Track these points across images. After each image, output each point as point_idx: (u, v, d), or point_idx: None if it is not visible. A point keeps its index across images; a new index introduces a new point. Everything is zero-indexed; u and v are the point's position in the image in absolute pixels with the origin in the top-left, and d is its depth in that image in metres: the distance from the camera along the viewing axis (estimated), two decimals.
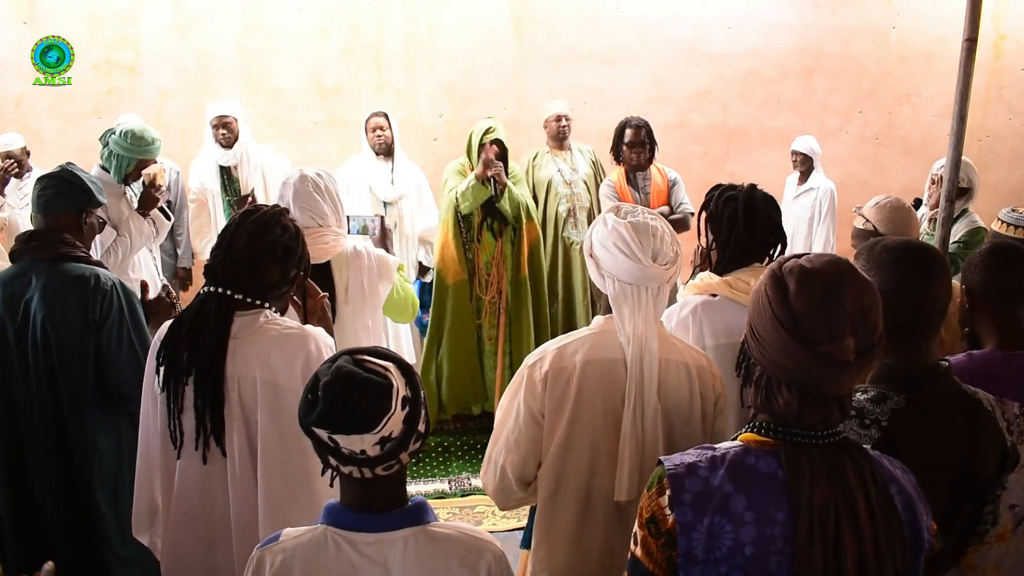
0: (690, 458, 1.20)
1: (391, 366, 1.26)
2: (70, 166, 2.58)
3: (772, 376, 1.20)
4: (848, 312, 1.14)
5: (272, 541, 1.30)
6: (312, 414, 1.22)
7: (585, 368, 1.76)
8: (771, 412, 1.20)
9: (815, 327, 1.13)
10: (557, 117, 4.60)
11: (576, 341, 1.81)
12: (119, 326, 2.39)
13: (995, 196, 5.33)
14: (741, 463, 1.18)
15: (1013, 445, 1.50)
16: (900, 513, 1.17)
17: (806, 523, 1.12)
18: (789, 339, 1.15)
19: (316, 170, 2.69)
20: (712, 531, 1.15)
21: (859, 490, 1.14)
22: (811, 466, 1.15)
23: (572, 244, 4.52)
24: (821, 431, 1.18)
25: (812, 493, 1.13)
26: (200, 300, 1.85)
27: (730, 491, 1.16)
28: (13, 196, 4.43)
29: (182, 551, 1.90)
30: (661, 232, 1.78)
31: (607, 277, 1.79)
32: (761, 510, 1.15)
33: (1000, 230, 2.98)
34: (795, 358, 1.15)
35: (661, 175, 4.43)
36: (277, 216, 1.90)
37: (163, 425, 1.85)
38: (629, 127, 4.38)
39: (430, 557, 1.25)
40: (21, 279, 2.40)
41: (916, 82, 5.76)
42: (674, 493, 1.16)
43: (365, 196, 4.69)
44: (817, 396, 1.16)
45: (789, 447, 1.17)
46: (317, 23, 5.18)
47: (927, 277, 1.47)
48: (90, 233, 2.57)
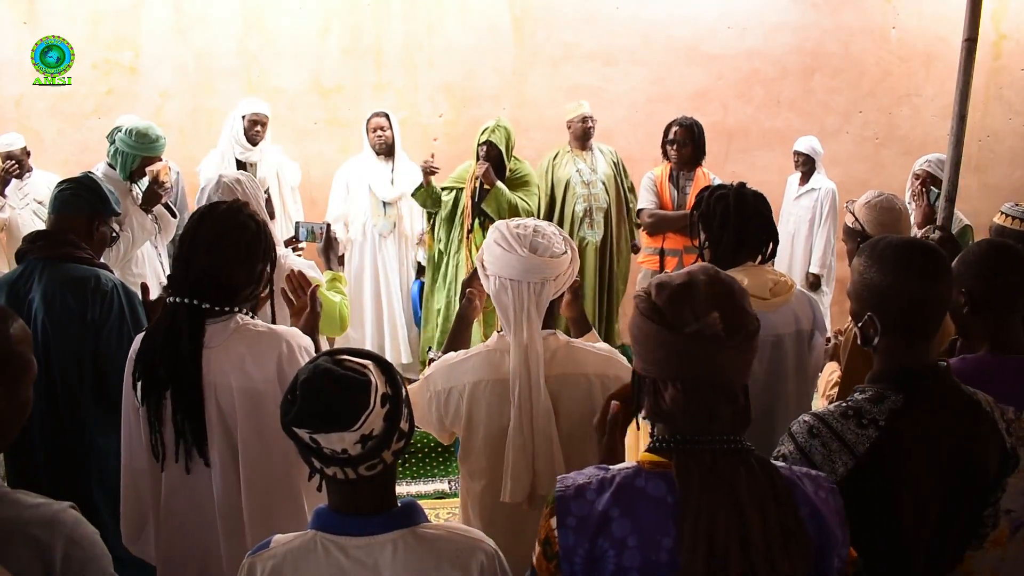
0: (582, 479, 1.18)
1: (370, 364, 1.26)
2: (91, 174, 2.63)
3: (656, 378, 1.19)
4: (705, 295, 1.16)
5: (263, 548, 1.30)
6: (291, 413, 1.21)
7: (475, 389, 1.79)
8: (660, 414, 1.19)
9: (679, 313, 1.16)
10: (583, 118, 4.61)
11: (471, 358, 1.82)
12: (119, 327, 2.39)
13: (995, 196, 5.32)
14: (629, 485, 1.15)
15: (1013, 447, 1.50)
16: (810, 536, 1.13)
17: (690, 540, 1.09)
18: (660, 329, 1.16)
19: (236, 175, 2.66)
20: (594, 555, 1.12)
21: (754, 505, 1.11)
22: (702, 477, 1.12)
23: (587, 244, 4.53)
24: (715, 436, 1.15)
25: (699, 509, 1.10)
26: (170, 312, 1.80)
27: (615, 515, 1.13)
28: (14, 196, 4.43)
29: (177, 561, 1.90)
30: (545, 232, 1.80)
31: (490, 277, 1.80)
32: (646, 535, 1.12)
33: (1004, 223, 2.97)
34: (671, 346, 1.16)
35: (705, 178, 4.46)
36: (234, 215, 1.83)
37: (146, 438, 1.83)
38: (675, 125, 4.44)
39: (420, 558, 1.25)
40: (24, 279, 2.41)
41: (916, 82, 5.75)
42: (559, 516, 1.15)
43: (365, 196, 4.70)
44: (699, 385, 1.15)
45: (681, 458, 1.15)
46: (317, 23, 5.18)
47: (929, 276, 1.46)
48: (100, 242, 2.57)
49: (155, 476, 1.88)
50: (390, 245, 4.78)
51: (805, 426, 1.46)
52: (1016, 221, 2.93)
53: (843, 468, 1.40)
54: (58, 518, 1.19)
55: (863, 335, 1.54)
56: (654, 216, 4.43)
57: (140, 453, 1.88)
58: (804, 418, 1.48)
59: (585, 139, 4.63)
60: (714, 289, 1.18)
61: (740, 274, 2.15)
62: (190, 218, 1.89)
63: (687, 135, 4.40)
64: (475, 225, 4.32)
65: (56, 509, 1.21)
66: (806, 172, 5.13)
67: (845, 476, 1.39)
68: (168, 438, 1.80)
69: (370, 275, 4.80)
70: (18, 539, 1.15)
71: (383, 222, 4.72)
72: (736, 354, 1.16)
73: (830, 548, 1.16)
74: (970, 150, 5.13)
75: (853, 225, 2.49)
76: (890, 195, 2.53)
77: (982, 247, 1.85)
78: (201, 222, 1.83)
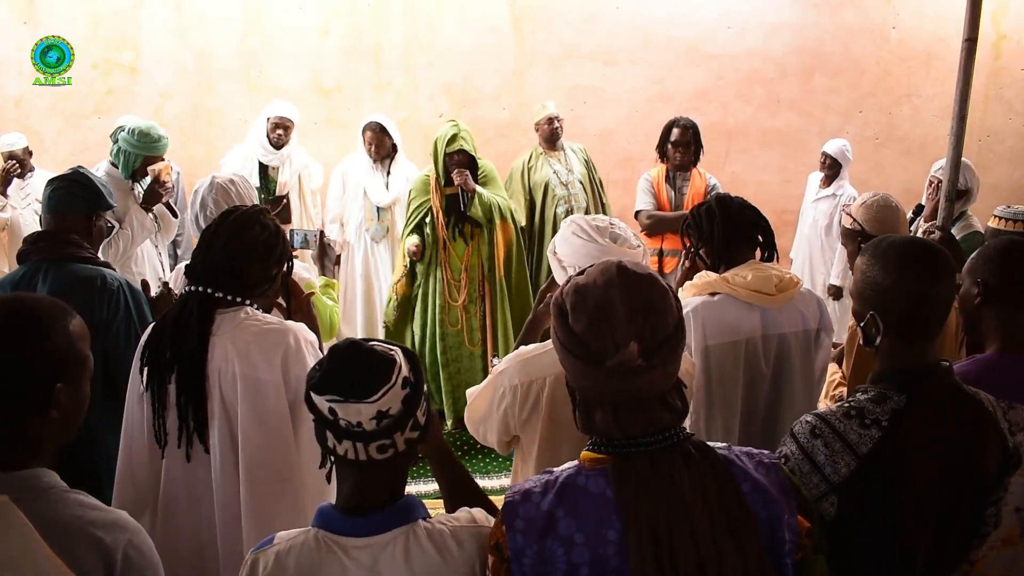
0: (529, 484, 1.20)
1: (397, 350, 1.31)
2: (81, 169, 2.60)
3: (583, 398, 1.19)
4: (624, 319, 1.12)
5: (266, 544, 1.31)
6: (315, 379, 1.26)
7: (556, 382, 1.77)
8: (593, 431, 1.19)
9: (599, 345, 1.13)
10: (549, 119, 4.59)
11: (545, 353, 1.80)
12: (126, 327, 2.40)
13: (995, 196, 5.32)
14: (572, 484, 1.17)
15: (1015, 446, 1.50)
16: (753, 512, 1.14)
17: (635, 540, 1.10)
18: (579, 363, 1.15)
19: (229, 176, 2.68)
20: (544, 556, 1.14)
21: (697, 493, 1.12)
22: (639, 478, 1.12)
23: None
24: (651, 437, 1.15)
25: (639, 508, 1.11)
26: (183, 299, 1.88)
27: (560, 514, 1.15)
28: (15, 196, 4.43)
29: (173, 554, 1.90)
30: (620, 224, 1.88)
31: (567, 269, 1.84)
32: (592, 531, 1.13)
33: (997, 226, 2.97)
34: (591, 377, 1.14)
35: (701, 178, 4.47)
36: (256, 215, 1.93)
37: (148, 424, 1.86)
38: (676, 126, 4.43)
39: (423, 555, 1.26)
40: (28, 280, 2.41)
41: (916, 82, 5.76)
42: (508, 521, 1.17)
43: (359, 198, 4.70)
44: (629, 406, 1.14)
45: (619, 460, 1.15)
46: (317, 23, 5.18)
47: (932, 276, 1.45)
48: (99, 236, 2.59)
49: (154, 466, 1.90)
50: (382, 250, 4.79)
51: (807, 426, 1.46)
52: (1009, 223, 2.93)
53: (846, 468, 1.40)
54: (121, 522, 1.24)
55: (865, 335, 1.53)
56: (652, 217, 4.43)
57: (140, 442, 1.90)
58: (806, 418, 1.48)
59: (554, 140, 4.62)
60: (632, 304, 1.13)
61: (745, 270, 2.16)
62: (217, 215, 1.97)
63: (690, 136, 4.41)
64: (455, 235, 4.25)
65: (118, 514, 1.25)
66: (830, 176, 5.03)
67: (848, 476, 1.39)
68: (171, 424, 1.84)
69: (361, 279, 4.81)
70: (83, 539, 1.18)
71: (376, 227, 4.71)
72: (661, 370, 1.14)
73: (778, 521, 1.16)
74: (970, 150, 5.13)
75: (852, 227, 2.50)
76: (885, 194, 2.54)
77: (1002, 241, 1.85)
78: (224, 218, 1.91)
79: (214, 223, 1.92)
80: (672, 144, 4.42)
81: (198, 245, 1.92)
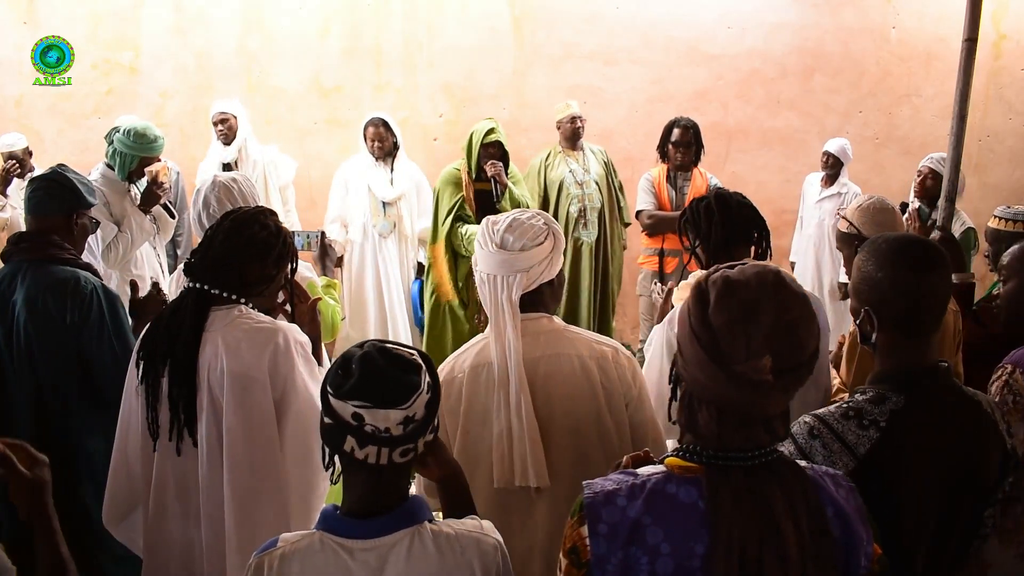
0: (611, 485, 1.15)
1: (415, 353, 1.32)
2: (62, 168, 2.57)
3: (693, 393, 1.15)
4: (767, 329, 1.08)
5: (270, 546, 1.31)
6: (345, 386, 1.24)
7: (473, 374, 1.83)
8: (693, 431, 1.16)
9: (732, 345, 1.08)
10: (572, 118, 4.59)
11: (472, 347, 1.88)
12: (99, 329, 2.39)
13: (995, 196, 5.32)
14: (661, 491, 1.12)
15: (1013, 447, 1.50)
16: (835, 537, 1.12)
17: (723, 556, 1.07)
18: (705, 357, 1.10)
19: (232, 175, 2.67)
20: (628, 563, 1.10)
21: (787, 515, 1.08)
22: (733, 495, 1.09)
23: (582, 244, 4.52)
24: (748, 453, 1.12)
25: (731, 525, 1.07)
26: (180, 295, 1.91)
27: (647, 522, 1.10)
28: (16, 196, 4.42)
29: (161, 549, 1.92)
30: (522, 225, 1.80)
31: (476, 272, 1.88)
32: (679, 542, 1.09)
33: (997, 226, 2.97)
34: (711, 376, 1.10)
35: (702, 177, 4.47)
36: (256, 215, 1.94)
37: (142, 417, 1.88)
38: (677, 127, 4.44)
39: (426, 557, 1.25)
40: (9, 281, 2.40)
41: (916, 82, 5.75)
42: (590, 524, 1.12)
43: (364, 196, 4.69)
44: (737, 417, 1.11)
45: (712, 472, 1.12)
46: (317, 23, 5.18)
47: (924, 268, 1.45)
48: (82, 234, 2.56)
49: (147, 461, 1.91)
50: (391, 245, 4.78)
51: (805, 427, 1.45)
52: (1009, 223, 2.93)
53: (844, 469, 1.39)
54: None
55: (861, 332, 1.54)
56: (653, 217, 4.43)
57: (136, 435, 1.92)
58: (804, 419, 1.48)
59: (575, 139, 4.62)
60: (779, 316, 1.08)
61: None
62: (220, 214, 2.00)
63: (691, 136, 4.41)
64: None
65: None
66: (831, 175, 5.01)
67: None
68: (163, 418, 1.85)
69: (371, 275, 4.79)
70: None
71: (383, 222, 4.71)
72: (782, 394, 1.11)
73: (855, 547, 1.15)
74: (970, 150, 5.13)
75: (848, 230, 2.49)
76: (880, 196, 2.54)
77: None
78: (225, 217, 1.94)
79: (216, 222, 1.95)
80: (673, 144, 4.43)
81: (199, 243, 1.95)
